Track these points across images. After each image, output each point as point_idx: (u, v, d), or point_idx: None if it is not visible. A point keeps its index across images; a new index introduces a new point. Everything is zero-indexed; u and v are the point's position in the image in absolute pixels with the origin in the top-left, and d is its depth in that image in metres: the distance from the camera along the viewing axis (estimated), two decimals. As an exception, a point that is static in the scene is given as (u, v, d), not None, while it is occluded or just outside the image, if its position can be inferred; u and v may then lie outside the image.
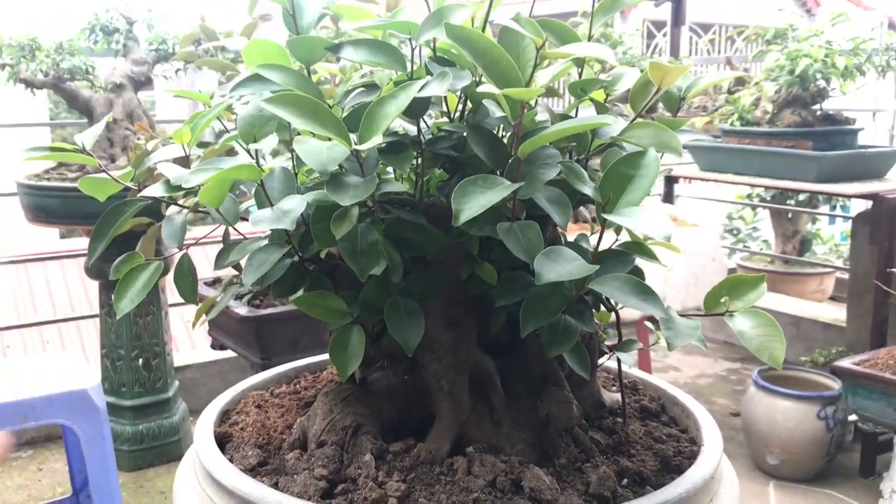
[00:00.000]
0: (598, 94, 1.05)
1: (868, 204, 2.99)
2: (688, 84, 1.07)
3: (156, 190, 0.99)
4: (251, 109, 0.92)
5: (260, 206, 0.96)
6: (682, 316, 0.95)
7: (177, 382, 3.01)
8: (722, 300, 0.94)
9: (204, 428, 1.05)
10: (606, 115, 0.95)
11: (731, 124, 3.16)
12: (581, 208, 2.57)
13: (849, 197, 3.21)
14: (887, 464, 2.62)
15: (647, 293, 0.85)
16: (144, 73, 2.84)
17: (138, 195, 1.03)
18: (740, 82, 3.58)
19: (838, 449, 2.89)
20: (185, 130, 1.05)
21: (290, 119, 0.80)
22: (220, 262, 1.00)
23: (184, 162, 1.11)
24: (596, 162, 1.04)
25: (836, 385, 2.86)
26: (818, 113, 2.99)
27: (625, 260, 0.96)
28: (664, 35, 5.17)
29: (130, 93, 2.82)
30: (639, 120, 0.96)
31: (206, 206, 1.01)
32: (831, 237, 5.83)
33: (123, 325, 2.79)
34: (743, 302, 0.94)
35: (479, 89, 0.83)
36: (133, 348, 2.81)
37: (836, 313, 4.03)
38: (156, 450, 2.88)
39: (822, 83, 2.95)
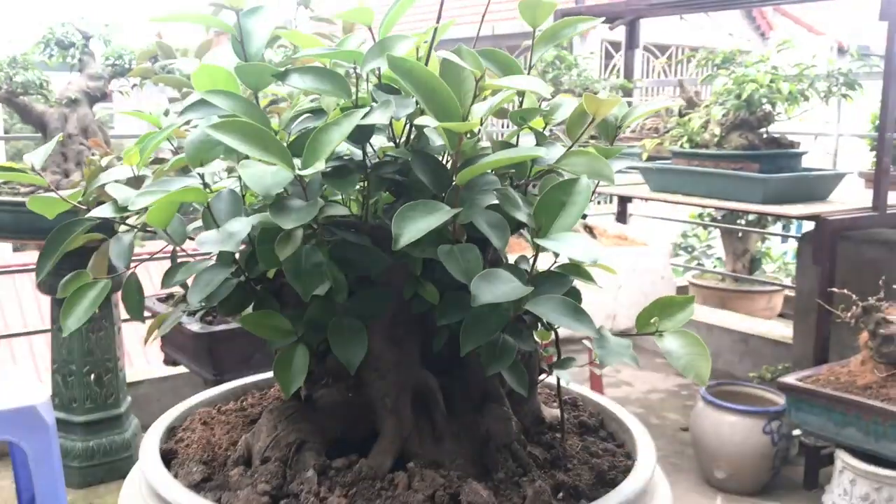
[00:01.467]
0: (538, 123, 1.09)
1: (813, 225, 3.08)
2: (624, 113, 1.12)
3: (104, 211, 1.01)
4: (198, 134, 0.95)
5: (207, 227, 0.98)
6: (615, 335, 0.99)
7: (129, 398, 2.99)
8: (652, 320, 0.98)
9: (149, 444, 1.06)
10: (542, 144, 0.99)
11: (681, 146, 3.24)
12: (523, 232, 2.62)
13: (793, 218, 3.31)
14: (829, 477, 2.70)
15: (579, 314, 0.89)
16: (100, 88, 2.84)
17: (87, 216, 1.04)
18: (691, 105, 3.68)
19: (783, 462, 2.96)
20: (135, 152, 1.07)
21: (235, 145, 0.82)
22: (167, 281, 1.02)
23: (135, 181, 1.13)
24: (535, 187, 1.08)
25: (781, 400, 2.93)
26: (764, 136, 3.09)
27: (561, 281, 1.00)
28: (621, 55, 5.28)
29: (86, 108, 2.81)
30: (574, 148, 1.00)
31: (155, 227, 1.03)
32: (782, 255, 5.97)
33: (75, 341, 2.77)
34: (672, 322, 0.98)
35: (418, 121, 0.87)
36: (85, 364, 2.79)
37: (784, 330, 4.13)
38: (107, 466, 2.85)
39: (767, 107, 3.04)
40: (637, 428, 1.16)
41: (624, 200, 4.10)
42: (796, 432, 2.97)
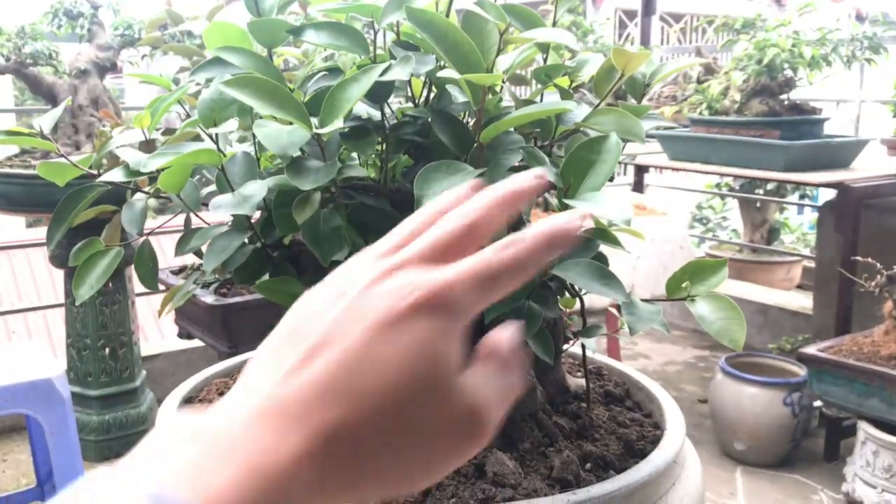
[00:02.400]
0: (563, 81, 1.05)
1: (834, 194, 3.02)
2: (652, 70, 1.08)
3: (115, 175, 0.98)
4: (211, 93, 0.91)
5: (221, 191, 0.95)
6: (644, 301, 0.95)
7: (144, 372, 2.99)
8: (683, 285, 0.94)
9: (166, 414, 1.04)
10: (569, 100, 0.95)
11: (700, 114, 3.18)
12: (549, 196, 2.58)
13: (815, 186, 3.25)
14: (851, 448, 2.67)
15: (609, 278, 0.86)
16: (110, 58, 2.80)
17: (98, 180, 1.01)
18: (709, 72, 3.61)
19: (804, 434, 2.93)
20: (146, 115, 1.04)
21: (250, 102, 0.79)
22: (180, 248, 0.99)
23: (147, 148, 1.09)
24: (560, 148, 1.04)
25: (801, 372, 2.90)
26: (785, 102, 3.02)
27: (588, 246, 0.96)
28: (635, 25, 5.20)
29: (95, 79, 2.77)
30: (602, 106, 0.96)
31: (167, 192, 1.00)
32: (799, 226, 5.91)
33: (89, 315, 2.76)
34: (704, 286, 0.94)
35: (440, 74, 0.83)
36: (99, 338, 2.78)
37: (804, 301, 4.09)
38: (123, 439, 2.85)
39: (789, 73, 2.97)
40: (665, 398, 1.13)
41: (641, 170, 4.04)
42: (817, 404, 2.93)
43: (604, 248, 0.96)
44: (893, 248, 3.03)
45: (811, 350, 2.65)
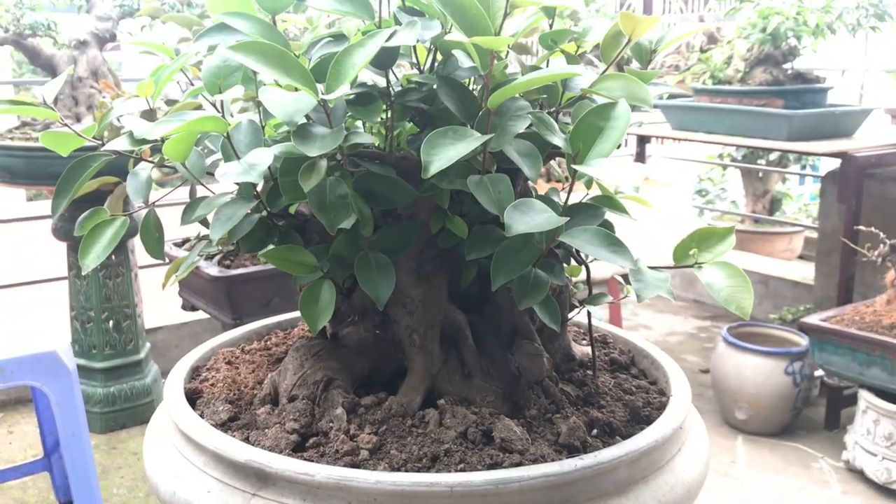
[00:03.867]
0: (569, 47, 1.04)
1: (837, 163, 3.01)
2: (659, 37, 1.07)
3: (120, 143, 0.97)
4: (216, 59, 0.90)
5: (227, 160, 0.94)
6: (651, 269, 0.95)
7: (148, 344, 3.00)
8: (690, 252, 0.94)
9: (174, 384, 1.04)
10: (577, 65, 0.94)
11: (703, 83, 3.16)
12: (554, 165, 2.57)
13: (818, 155, 3.24)
14: (851, 417, 2.68)
15: (616, 245, 0.86)
16: (109, 29, 2.78)
17: (102, 149, 1.00)
18: (712, 41, 3.58)
19: (805, 403, 2.94)
20: (149, 83, 1.03)
21: (256, 67, 0.78)
22: (186, 217, 0.99)
23: (150, 117, 1.09)
24: (567, 116, 1.03)
25: (803, 341, 2.91)
26: (789, 71, 3.00)
27: (595, 213, 0.96)
28: (637, -6, 5.14)
29: (95, 50, 2.75)
30: (609, 72, 0.95)
31: (172, 162, 1.00)
32: (800, 197, 5.89)
33: (93, 287, 2.76)
34: (712, 254, 0.94)
35: (448, 37, 0.82)
36: (103, 310, 2.79)
37: (805, 271, 4.09)
38: (128, 411, 2.87)
39: (793, 41, 2.95)
40: (670, 365, 1.13)
41: (643, 141, 4.02)
42: (818, 373, 2.95)
43: (621, 209, 0.96)
44: (896, 218, 3.03)
45: (813, 319, 2.65)
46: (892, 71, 3.70)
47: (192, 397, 1.05)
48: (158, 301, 3.32)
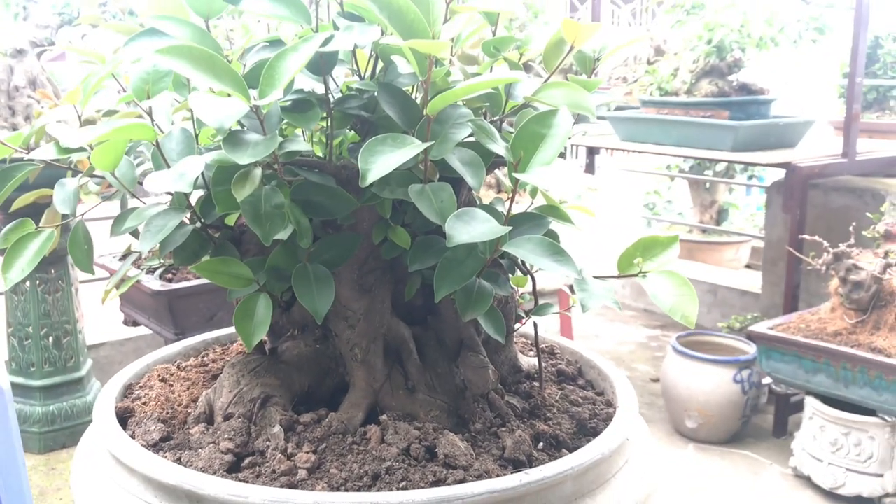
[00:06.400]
0: (513, 56, 1.02)
1: (782, 174, 3.06)
2: (601, 45, 1.06)
3: (46, 152, 0.93)
4: (145, 65, 0.87)
5: (157, 168, 0.91)
6: (596, 278, 0.94)
7: (90, 361, 2.91)
8: (635, 261, 0.93)
9: (104, 403, 1.00)
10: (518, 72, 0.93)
11: (650, 95, 3.19)
12: (500, 174, 2.56)
13: (763, 165, 3.29)
14: (799, 423, 2.71)
15: (560, 254, 0.84)
16: (48, 37, 2.70)
17: (26, 157, 0.96)
18: (659, 53, 3.62)
19: (753, 411, 2.97)
20: (78, 90, 0.99)
21: (185, 72, 0.75)
22: (116, 228, 0.95)
23: (86, 125, 1.04)
24: (510, 125, 1.02)
25: (751, 349, 2.94)
26: (734, 83, 3.05)
27: (539, 223, 0.95)
28: (586, 7, 5.19)
29: (33, 58, 2.67)
30: (552, 80, 0.94)
31: (102, 171, 0.96)
32: (747, 207, 5.98)
33: (31, 303, 2.67)
34: (656, 263, 0.93)
35: (384, 41, 0.80)
36: (42, 326, 2.70)
37: (752, 280, 4.14)
38: (68, 430, 2.77)
39: (738, 53, 3.00)
40: (616, 375, 1.12)
41: (592, 152, 4.05)
42: (766, 381, 2.98)
43: (565, 218, 0.94)
44: (839, 227, 3.08)
45: (760, 328, 2.68)
46: (834, 83, 3.79)
47: (124, 417, 1.00)
48: (101, 316, 3.23)
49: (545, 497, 0.84)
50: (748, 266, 4.98)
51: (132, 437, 0.93)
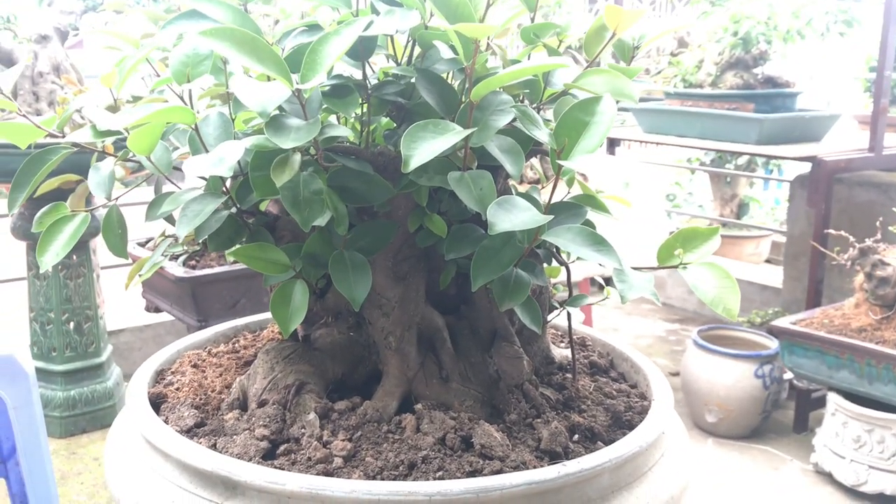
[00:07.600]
0: (552, 42, 1.01)
1: (805, 168, 3.03)
2: (641, 33, 1.04)
3: (82, 135, 0.92)
4: (186, 47, 0.86)
5: (194, 153, 0.90)
6: (635, 269, 0.93)
7: (110, 346, 2.92)
8: (676, 252, 0.92)
9: (137, 388, 0.99)
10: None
11: (675, 87, 3.16)
12: (527, 168, 2.55)
13: (789, 159, 3.26)
14: (820, 419, 2.69)
15: (601, 244, 0.83)
16: (72, 23, 2.70)
17: (62, 141, 0.96)
18: (682, 45, 3.59)
19: (774, 406, 2.95)
20: (113, 73, 0.98)
21: (228, 54, 0.74)
22: (151, 213, 0.94)
23: (114, 111, 1.04)
24: (548, 112, 1.00)
25: (772, 344, 2.92)
26: (759, 76, 3.01)
27: (577, 212, 0.93)
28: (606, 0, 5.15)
29: (57, 44, 2.68)
30: (593, 67, 0.92)
31: (136, 156, 0.95)
32: (767, 201, 5.93)
33: (53, 288, 2.68)
34: (697, 254, 0.92)
35: (431, 23, 0.79)
36: (63, 311, 2.71)
37: (772, 275, 4.11)
38: (89, 415, 2.79)
39: (764, 45, 2.96)
40: (650, 368, 1.11)
41: (613, 144, 4.02)
42: (787, 376, 2.95)
43: (602, 208, 0.93)
44: (862, 222, 3.05)
45: (783, 323, 2.66)
46: (860, 78, 3.74)
47: (157, 402, 1.00)
48: (121, 302, 3.24)
49: (582, 489, 0.83)
50: (768, 261, 4.94)
51: (165, 422, 0.93)
